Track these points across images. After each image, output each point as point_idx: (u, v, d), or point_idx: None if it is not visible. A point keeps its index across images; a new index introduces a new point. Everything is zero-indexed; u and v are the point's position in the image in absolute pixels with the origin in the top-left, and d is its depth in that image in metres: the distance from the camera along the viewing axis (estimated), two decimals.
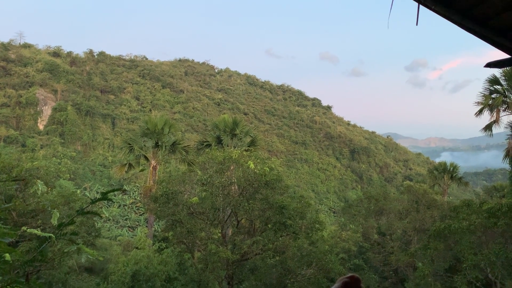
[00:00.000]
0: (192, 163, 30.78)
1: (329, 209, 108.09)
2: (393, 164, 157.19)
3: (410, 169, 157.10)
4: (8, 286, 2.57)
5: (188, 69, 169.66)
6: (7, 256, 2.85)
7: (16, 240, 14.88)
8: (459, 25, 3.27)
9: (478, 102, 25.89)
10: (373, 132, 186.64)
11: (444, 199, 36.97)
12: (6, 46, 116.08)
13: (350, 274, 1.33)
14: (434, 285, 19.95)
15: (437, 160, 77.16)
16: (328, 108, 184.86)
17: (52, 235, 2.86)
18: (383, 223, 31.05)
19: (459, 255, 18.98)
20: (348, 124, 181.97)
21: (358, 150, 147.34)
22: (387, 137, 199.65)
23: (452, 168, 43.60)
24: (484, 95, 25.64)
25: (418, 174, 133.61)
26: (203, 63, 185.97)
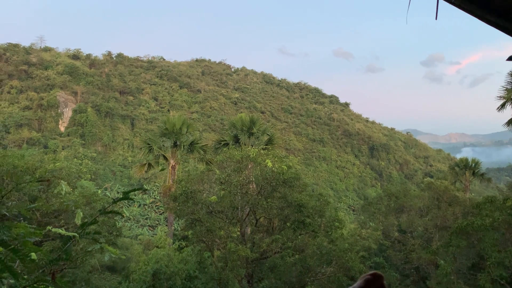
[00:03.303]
0: (210, 162, 30.97)
1: (348, 207, 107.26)
2: (413, 160, 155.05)
3: (430, 165, 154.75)
4: (35, 285, 2.64)
5: (205, 69, 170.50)
6: (33, 255, 2.92)
7: (40, 239, 15.22)
8: (480, 18, 3.20)
9: (500, 96, 25.33)
10: (392, 129, 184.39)
11: (466, 195, 36.29)
12: (27, 50, 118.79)
13: (372, 272, 1.32)
14: (457, 283, 19.62)
15: (458, 156, 75.81)
16: (346, 105, 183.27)
17: (76, 234, 2.92)
18: (404, 221, 30.66)
19: (483, 252, 18.62)
20: (367, 121, 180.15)
21: (377, 147, 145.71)
22: (407, 133, 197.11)
23: (474, 164, 42.83)
24: (506, 89, 25.07)
25: (439, 171, 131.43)
26: (220, 62, 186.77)
